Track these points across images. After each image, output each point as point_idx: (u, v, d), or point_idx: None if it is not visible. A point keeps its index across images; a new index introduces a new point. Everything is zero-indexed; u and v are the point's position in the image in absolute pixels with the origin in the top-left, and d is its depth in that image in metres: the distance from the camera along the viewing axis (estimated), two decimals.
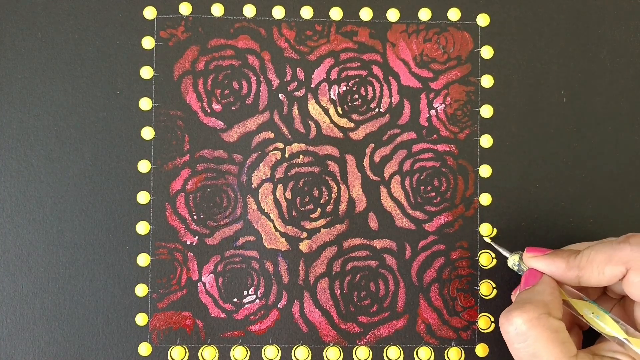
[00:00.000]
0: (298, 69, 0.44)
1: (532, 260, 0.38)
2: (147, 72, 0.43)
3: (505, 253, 0.40)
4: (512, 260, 0.40)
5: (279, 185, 0.43)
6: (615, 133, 0.44)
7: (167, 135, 0.43)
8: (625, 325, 0.35)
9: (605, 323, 0.36)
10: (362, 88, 0.44)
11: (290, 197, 0.43)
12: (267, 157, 0.43)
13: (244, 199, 0.43)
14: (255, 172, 0.43)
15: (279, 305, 0.43)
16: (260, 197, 0.43)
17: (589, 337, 0.40)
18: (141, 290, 0.42)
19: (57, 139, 0.43)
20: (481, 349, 0.42)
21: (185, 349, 0.42)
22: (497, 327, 0.43)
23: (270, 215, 0.43)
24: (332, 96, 0.44)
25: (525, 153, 0.43)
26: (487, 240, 0.42)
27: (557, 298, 0.36)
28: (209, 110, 0.43)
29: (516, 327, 0.35)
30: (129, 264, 0.42)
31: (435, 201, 0.43)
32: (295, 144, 0.43)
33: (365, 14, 0.44)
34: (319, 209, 0.43)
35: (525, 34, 0.44)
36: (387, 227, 0.43)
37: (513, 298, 0.40)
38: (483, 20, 0.44)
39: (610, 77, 0.44)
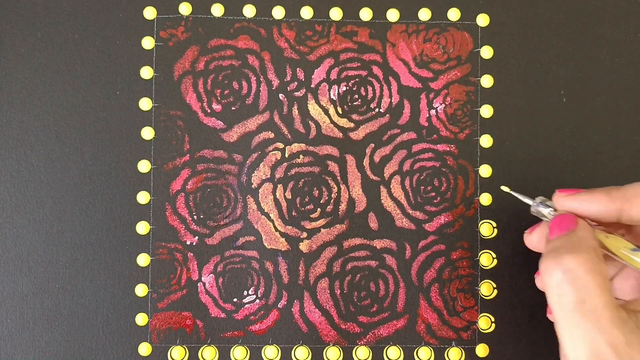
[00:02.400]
0: (298, 69, 0.44)
1: (567, 200, 0.36)
2: (147, 72, 0.43)
3: (527, 200, 0.38)
4: (536, 206, 0.38)
5: (279, 185, 0.43)
6: (615, 133, 0.44)
7: (167, 135, 0.43)
8: None
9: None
10: (362, 88, 0.44)
11: (290, 197, 0.43)
12: (267, 157, 0.43)
13: (244, 199, 0.43)
14: (255, 172, 0.43)
15: (279, 305, 0.43)
16: (260, 197, 0.43)
17: None
18: (141, 290, 0.42)
19: (57, 139, 0.43)
20: (481, 349, 0.42)
21: (185, 349, 0.42)
22: (497, 327, 0.43)
23: (270, 215, 0.43)
24: (332, 96, 0.44)
25: (525, 153, 0.43)
26: (506, 189, 0.40)
27: (598, 244, 0.35)
28: (209, 110, 0.43)
29: (568, 270, 0.33)
30: (129, 264, 0.42)
31: (435, 201, 0.43)
32: (295, 144, 0.43)
33: (365, 14, 0.44)
34: (319, 209, 0.43)
35: (525, 34, 0.44)
36: (387, 227, 0.43)
37: (526, 238, 0.39)
38: (483, 20, 0.44)
39: (610, 77, 0.44)
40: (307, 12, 0.44)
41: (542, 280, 0.34)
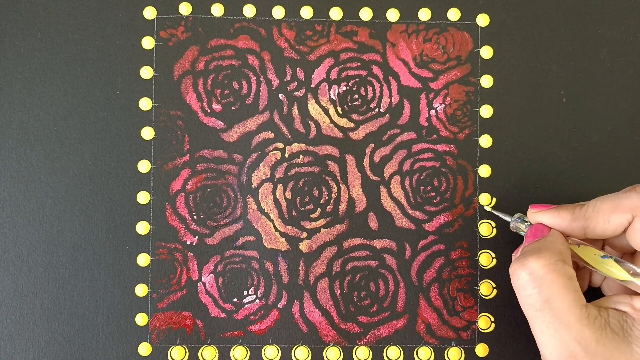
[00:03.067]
0: (298, 69, 0.44)
1: (538, 215, 0.38)
2: (147, 72, 0.43)
3: (506, 217, 0.41)
4: (514, 222, 0.40)
5: (279, 185, 0.43)
6: (615, 133, 0.44)
7: (167, 135, 0.43)
8: (631, 266, 0.36)
9: (611, 266, 0.36)
10: (362, 88, 0.44)
11: (290, 197, 0.43)
12: (267, 157, 0.43)
13: (244, 199, 0.43)
14: (255, 172, 0.43)
15: (279, 305, 0.43)
16: (260, 197, 0.43)
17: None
18: (141, 290, 0.42)
19: (57, 139, 0.43)
20: (481, 349, 0.43)
21: (185, 349, 0.42)
22: (497, 327, 0.43)
23: (270, 215, 0.43)
24: (332, 96, 0.44)
25: (525, 153, 0.43)
26: (487, 209, 0.43)
27: (568, 249, 0.36)
28: (209, 110, 0.43)
29: (532, 271, 0.35)
30: (129, 264, 0.42)
31: (435, 201, 0.43)
32: (295, 144, 0.43)
33: (365, 14, 0.44)
34: (319, 209, 0.43)
35: (525, 34, 0.44)
36: (387, 227, 0.43)
37: (514, 258, 0.40)
38: (483, 20, 0.44)
39: (610, 77, 0.44)
40: (307, 12, 0.44)
41: (512, 283, 0.36)
